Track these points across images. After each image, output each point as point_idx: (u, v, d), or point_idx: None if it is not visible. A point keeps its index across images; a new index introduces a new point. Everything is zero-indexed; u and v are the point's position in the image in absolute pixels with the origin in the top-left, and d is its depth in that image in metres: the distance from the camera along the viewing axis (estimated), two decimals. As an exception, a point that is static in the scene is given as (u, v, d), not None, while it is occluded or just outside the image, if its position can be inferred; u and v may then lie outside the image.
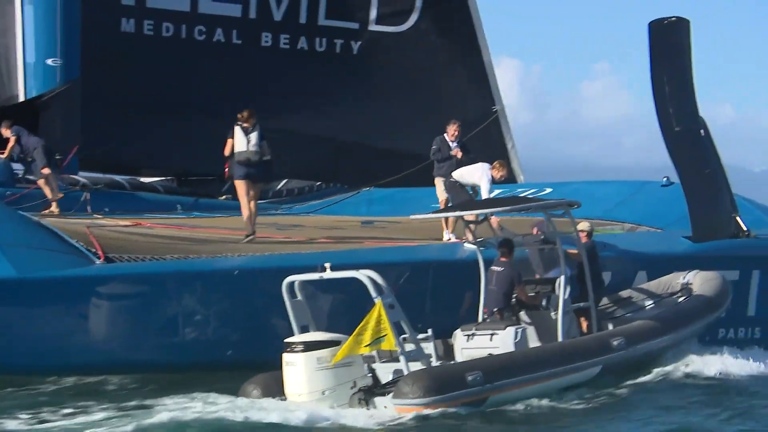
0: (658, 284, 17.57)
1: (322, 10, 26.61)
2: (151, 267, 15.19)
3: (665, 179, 22.10)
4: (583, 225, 16.23)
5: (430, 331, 14.31)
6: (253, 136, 17.35)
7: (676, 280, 17.45)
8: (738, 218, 19.56)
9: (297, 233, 18.94)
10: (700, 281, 17.22)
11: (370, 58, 26.99)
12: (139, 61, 24.92)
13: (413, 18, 27.31)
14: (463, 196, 17.65)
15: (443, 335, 15.16)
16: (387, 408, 13.56)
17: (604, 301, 16.60)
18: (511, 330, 15.00)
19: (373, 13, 26.98)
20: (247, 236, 17.22)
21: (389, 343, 13.49)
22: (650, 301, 17.08)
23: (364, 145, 26.49)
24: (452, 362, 14.82)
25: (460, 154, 18.46)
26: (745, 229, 19.45)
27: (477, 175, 17.51)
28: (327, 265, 14.05)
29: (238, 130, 17.41)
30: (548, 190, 23.24)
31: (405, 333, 13.90)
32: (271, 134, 25.84)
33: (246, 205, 17.36)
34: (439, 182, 18.48)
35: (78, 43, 22.34)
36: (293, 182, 26.61)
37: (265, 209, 24.06)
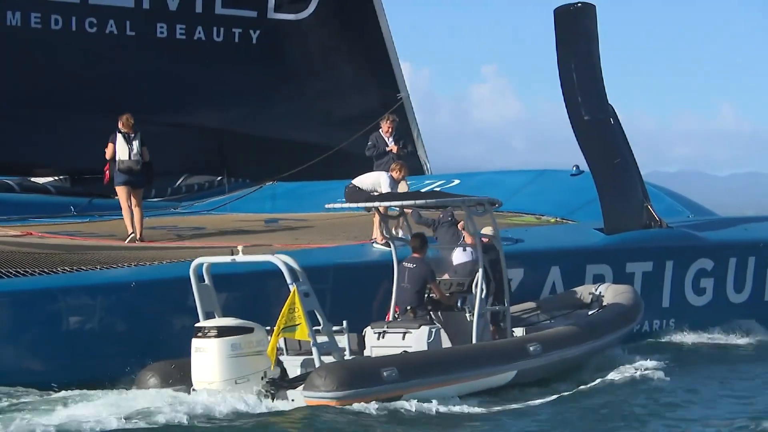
0: (568, 295, 17.18)
1: (218, -2, 25.66)
2: (41, 282, 14.25)
3: (575, 168, 21.76)
4: (487, 230, 15.59)
5: (345, 324, 13.81)
6: (135, 144, 17.91)
7: (588, 291, 17.07)
8: (650, 208, 19.26)
9: (198, 240, 18.09)
10: (613, 294, 16.82)
11: (269, 46, 26.16)
12: (27, 55, 23.78)
13: (312, 5, 26.52)
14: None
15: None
16: (295, 401, 13.02)
17: (513, 308, 16.04)
18: (425, 329, 14.46)
19: (271, 1, 26.13)
20: (130, 237, 17.38)
21: (302, 332, 12.98)
22: (560, 312, 16.64)
23: (265, 137, 25.69)
24: (367, 357, 14.25)
25: (395, 149, 17.83)
26: (657, 218, 19.16)
27: (377, 181, 16.82)
28: (239, 247, 13.49)
29: (119, 136, 17.93)
30: (456, 181, 22.83)
31: (319, 323, 13.38)
32: (169, 128, 25.50)
33: (127, 210, 17.72)
34: None
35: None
36: (193, 178, 25.64)
37: (163, 207, 23.35)
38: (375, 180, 16.83)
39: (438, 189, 22.26)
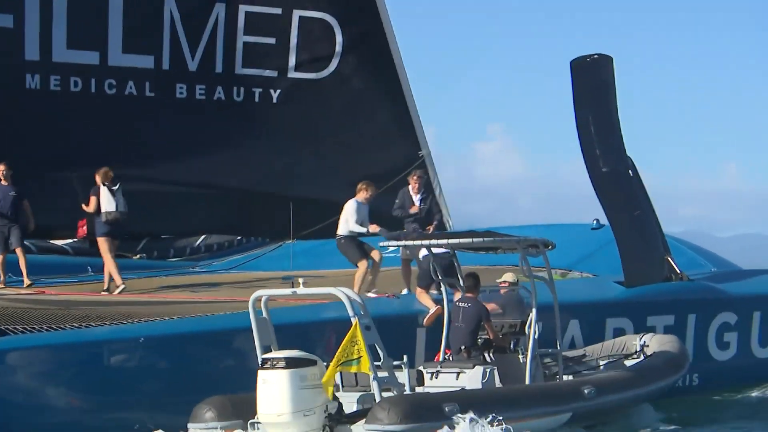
0: (612, 344, 17.20)
1: (238, 58, 25.76)
2: (47, 338, 14.14)
3: (595, 222, 21.59)
4: (508, 276, 15.60)
5: (405, 359, 13.81)
6: (120, 196, 18.98)
7: (632, 341, 17.09)
8: (671, 260, 19.02)
9: (212, 293, 18.06)
10: (658, 343, 16.92)
11: (290, 105, 26.19)
12: (47, 118, 23.90)
13: (333, 64, 26.56)
14: (353, 254, 16.93)
15: None
16: None
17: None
18: (479, 369, 14.61)
19: (291, 60, 26.17)
20: (120, 288, 18.18)
21: (364, 365, 13.00)
22: (605, 360, 16.77)
23: (286, 195, 25.54)
24: (428, 392, 14.26)
25: (417, 209, 17.57)
26: (678, 271, 18.91)
27: (345, 212, 16.82)
28: (300, 279, 13.76)
29: (103, 189, 18.91)
30: (476, 236, 22.56)
31: (379, 358, 13.48)
32: (188, 188, 25.55)
33: (111, 261, 18.62)
34: None
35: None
36: (212, 237, 25.61)
37: (181, 267, 23.32)
38: (344, 212, 16.88)
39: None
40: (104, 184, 18.67)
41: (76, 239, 23.69)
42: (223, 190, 25.48)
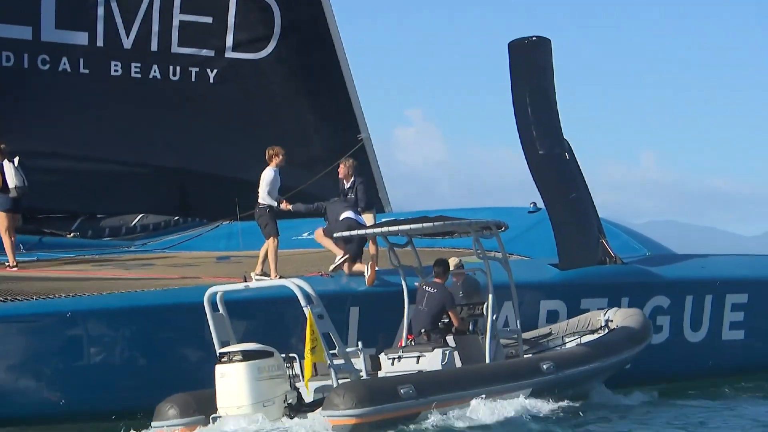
0: (577, 321, 17.38)
1: (174, 37, 25.51)
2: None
3: (532, 205, 21.64)
4: (452, 261, 15.75)
5: (359, 345, 13.99)
6: (20, 170, 18.56)
7: (596, 317, 17.29)
8: (605, 243, 19.11)
9: (145, 271, 17.86)
10: (622, 317, 17.11)
11: (227, 86, 25.96)
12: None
13: (272, 44, 26.38)
14: (271, 227, 16.84)
15: None
16: (314, 425, 13.15)
17: (526, 334, 16.61)
18: (438, 351, 14.76)
19: (229, 40, 25.93)
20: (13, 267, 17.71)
21: (319, 354, 13.17)
22: (571, 337, 16.97)
23: (223, 176, 25.45)
24: (384, 376, 14.42)
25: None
26: (612, 254, 19.01)
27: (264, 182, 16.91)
28: (253, 273, 13.92)
29: (6, 164, 18.37)
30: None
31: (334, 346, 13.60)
32: (126, 168, 25.27)
33: (8, 239, 18.14)
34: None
35: None
36: (149, 217, 25.38)
37: (117, 246, 23.09)
38: (263, 180, 16.89)
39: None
40: (7, 160, 18.23)
41: None
42: (160, 169, 25.26)
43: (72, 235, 23.51)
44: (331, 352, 13.43)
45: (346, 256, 16.60)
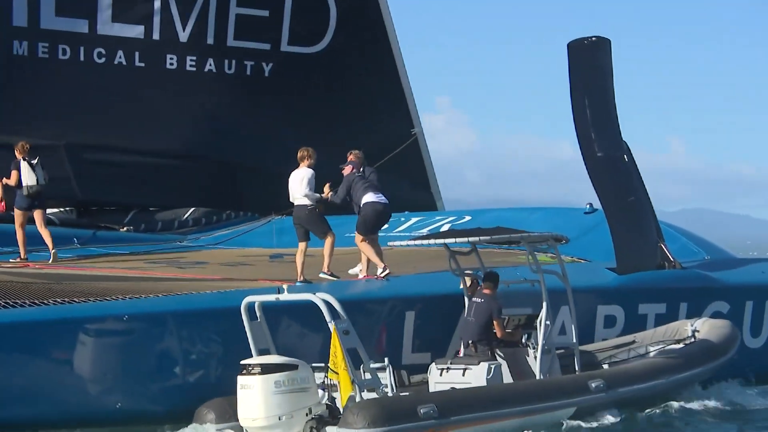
0: (665, 330, 17.08)
1: (230, 30, 25.47)
2: (29, 314, 13.89)
3: (588, 206, 21.42)
4: (468, 279, 15.45)
5: (386, 360, 13.78)
6: (39, 169, 18.80)
7: (684, 326, 16.97)
8: (664, 247, 18.86)
9: (199, 272, 17.84)
10: (708, 328, 16.78)
11: (282, 79, 25.90)
12: (34, 84, 23.59)
13: (327, 38, 26.31)
14: (322, 225, 16.80)
15: None
16: None
17: (609, 343, 16.36)
18: (484, 365, 14.49)
19: (284, 34, 25.90)
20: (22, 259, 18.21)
21: (342, 371, 13.10)
22: (654, 347, 16.61)
23: (275, 170, 25.27)
24: (405, 393, 14.14)
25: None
26: (671, 258, 18.76)
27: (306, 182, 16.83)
28: (284, 286, 13.70)
29: (24, 164, 18.64)
30: (467, 218, 22.45)
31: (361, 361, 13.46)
32: (177, 160, 25.29)
33: (22, 234, 18.62)
34: None
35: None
36: (200, 211, 25.35)
37: (168, 241, 23.13)
38: (304, 181, 16.76)
39: (450, 225, 22.03)
40: (24, 159, 18.53)
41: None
42: (212, 163, 25.23)
43: (125, 229, 23.54)
44: (373, 366, 13.37)
45: (388, 271, 16.50)
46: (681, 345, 16.57)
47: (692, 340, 16.65)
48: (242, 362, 13.46)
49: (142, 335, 14.25)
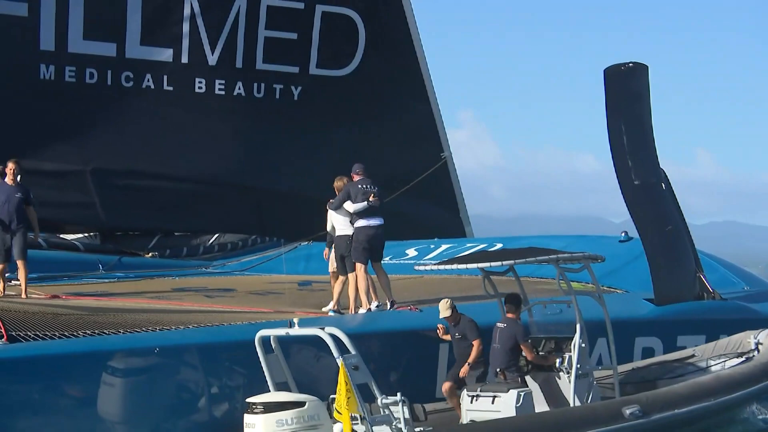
0: (726, 342, 16.46)
1: (259, 53, 25.32)
2: (61, 346, 13.70)
3: (624, 234, 21.12)
4: (444, 303, 14.95)
5: (399, 395, 13.29)
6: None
7: (747, 338, 16.31)
8: (703, 278, 18.53)
9: (228, 301, 17.58)
10: None
11: (311, 103, 25.73)
12: (61, 109, 23.48)
13: (356, 61, 26.14)
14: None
15: None
16: None
17: (667, 357, 15.83)
18: (513, 393, 14.03)
19: (313, 56, 25.74)
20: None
21: (353, 407, 12.70)
22: (716, 360, 16.00)
23: (302, 195, 25.14)
24: (420, 429, 13.69)
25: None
26: (711, 290, 18.43)
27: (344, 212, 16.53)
28: (296, 320, 13.43)
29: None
30: (498, 245, 22.08)
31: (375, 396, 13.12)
32: (202, 185, 25.09)
33: None
34: None
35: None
36: (225, 236, 25.16)
37: (194, 267, 22.95)
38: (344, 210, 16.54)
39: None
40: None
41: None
42: (238, 187, 25.08)
43: (150, 254, 23.36)
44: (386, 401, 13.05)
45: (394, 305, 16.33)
46: (743, 359, 15.92)
47: (755, 353, 15.95)
48: (247, 400, 13.28)
49: (172, 368, 13.98)
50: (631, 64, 18.48)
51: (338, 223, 16.77)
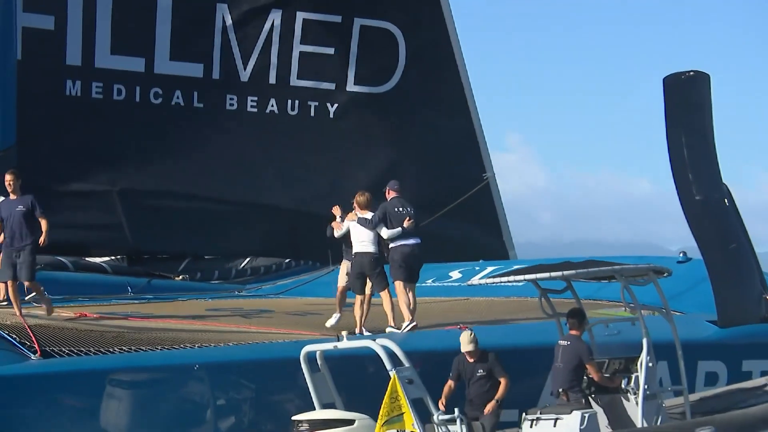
0: None
1: (294, 69, 25.31)
2: (96, 362, 13.69)
3: (682, 255, 20.94)
4: (467, 336, 14.72)
5: (456, 411, 13.20)
6: None
7: None
8: (769, 299, 18.31)
9: (266, 322, 17.54)
10: None
11: (347, 121, 25.69)
12: (87, 127, 23.54)
13: (396, 77, 26.06)
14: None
15: None
16: None
17: (735, 387, 15.63)
18: (577, 414, 13.71)
19: (351, 72, 25.67)
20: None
21: (408, 423, 12.55)
22: None
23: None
24: None
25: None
26: (777, 311, 18.20)
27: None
28: (344, 333, 13.30)
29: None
30: (549, 267, 21.91)
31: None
32: (234, 207, 25.03)
33: None
34: None
35: (13, 108, 20.75)
36: (258, 260, 25.12)
37: (226, 290, 22.91)
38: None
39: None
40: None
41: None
42: (270, 209, 25.01)
43: (180, 278, 23.32)
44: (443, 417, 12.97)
45: (414, 324, 16.19)
46: None
47: None
48: (293, 418, 13.16)
49: (212, 385, 13.92)
50: (691, 73, 18.34)
51: (362, 237, 16.60)
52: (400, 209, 16.65)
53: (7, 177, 16.06)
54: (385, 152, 25.94)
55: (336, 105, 25.68)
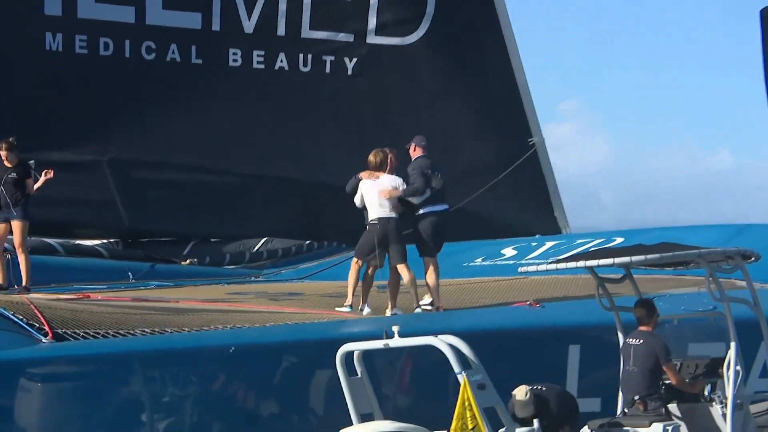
0: None
1: (305, 18, 25.07)
2: (115, 345, 13.40)
3: (775, 228, 20.57)
4: (521, 392, 14.31)
5: (536, 423, 12.69)
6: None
7: None
8: None
9: (299, 304, 17.20)
10: None
11: (369, 78, 25.48)
12: (70, 86, 23.28)
13: (423, 27, 25.84)
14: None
15: None
16: None
17: None
18: (658, 426, 13.20)
19: (372, 22, 25.50)
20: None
21: None
22: None
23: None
24: None
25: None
26: None
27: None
28: (395, 328, 12.49)
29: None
30: (619, 239, 21.53)
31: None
32: (242, 180, 24.71)
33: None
34: None
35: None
36: (275, 242, 24.78)
37: (241, 276, 22.63)
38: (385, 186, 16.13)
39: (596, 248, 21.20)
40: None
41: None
42: (285, 182, 24.73)
43: (188, 262, 22.99)
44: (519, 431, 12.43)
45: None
46: None
47: None
48: (341, 431, 12.62)
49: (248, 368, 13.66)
50: (792, 2, 18.12)
51: (382, 201, 16.19)
52: (430, 170, 16.34)
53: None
54: (411, 115, 25.67)
55: (355, 60, 25.34)
